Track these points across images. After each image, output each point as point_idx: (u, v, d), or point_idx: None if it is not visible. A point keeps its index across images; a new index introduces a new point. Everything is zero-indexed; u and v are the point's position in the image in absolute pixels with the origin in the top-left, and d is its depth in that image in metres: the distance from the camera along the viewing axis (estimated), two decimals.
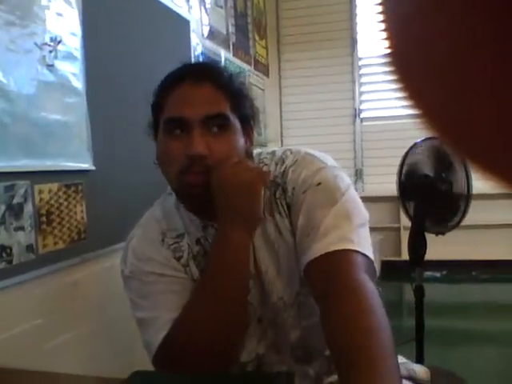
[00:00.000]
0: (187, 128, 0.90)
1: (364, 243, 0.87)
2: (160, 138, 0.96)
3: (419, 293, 2.26)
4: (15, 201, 1.44)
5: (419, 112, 0.21)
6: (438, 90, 0.20)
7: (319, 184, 0.92)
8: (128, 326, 1.99)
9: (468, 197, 2.24)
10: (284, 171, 0.97)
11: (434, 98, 0.21)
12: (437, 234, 2.24)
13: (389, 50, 0.21)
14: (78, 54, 1.72)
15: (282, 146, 4.64)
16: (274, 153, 1.02)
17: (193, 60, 2.68)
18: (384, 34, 0.21)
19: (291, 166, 0.97)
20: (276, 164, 0.99)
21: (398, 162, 4.39)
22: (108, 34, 1.92)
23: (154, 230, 1.04)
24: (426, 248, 2.22)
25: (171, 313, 0.94)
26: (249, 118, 0.98)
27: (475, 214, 4.12)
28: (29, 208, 1.48)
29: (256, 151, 1.05)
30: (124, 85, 2.01)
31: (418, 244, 2.23)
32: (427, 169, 2.29)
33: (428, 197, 2.23)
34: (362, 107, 4.71)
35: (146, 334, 0.98)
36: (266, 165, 1.00)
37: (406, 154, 2.35)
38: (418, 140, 2.31)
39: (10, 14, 1.44)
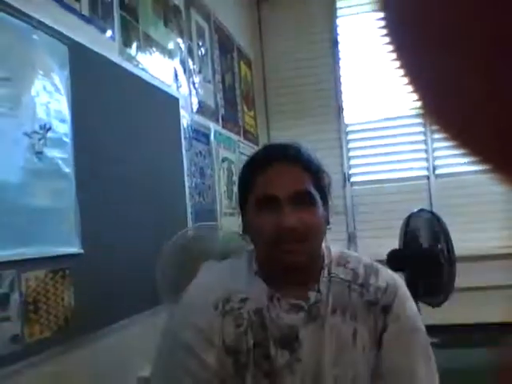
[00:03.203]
0: (278, 204, 0.99)
1: None
2: (251, 213, 1.04)
3: None
4: (1, 291, 1.41)
5: (474, 155, 0.21)
6: (483, 130, 0.20)
7: (415, 331, 1.05)
8: None
9: (451, 262, 2.23)
10: (391, 299, 1.04)
11: (481, 138, 0.20)
12: (433, 306, 2.23)
13: (419, 104, 0.21)
14: (68, 139, 1.74)
15: None
16: (359, 260, 1.10)
17: (182, 134, 2.74)
18: (410, 88, 0.21)
19: (394, 298, 1.04)
20: (365, 270, 1.07)
21: (390, 224, 4.41)
22: (97, 117, 1.96)
23: (212, 292, 1.05)
24: None
25: None
26: (326, 192, 1.08)
27: (470, 276, 4.11)
28: (15, 297, 1.46)
29: (335, 250, 1.11)
30: (114, 167, 2.04)
31: None
32: (423, 239, 2.30)
33: (419, 267, 2.23)
34: (351, 172, 4.77)
35: None
36: (352, 269, 1.07)
37: (407, 222, 2.36)
38: (415, 210, 2.34)
39: None
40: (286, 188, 1.00)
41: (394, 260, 2.30)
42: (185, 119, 2.80)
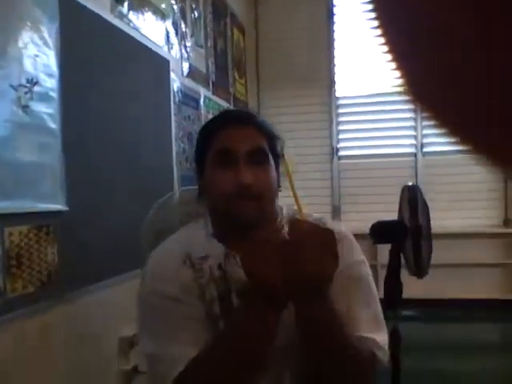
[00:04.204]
0: (234, 160, 1.03)
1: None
2: (208, 169, 1.08)
3: (395, 338, 2.23)
4: None
5: (463, 144, 0.20)
6: (473, 116, 0.20)
7: (360, 278, 1.08)
8: (100, 368, 1.94)
9: (429, 238, 2.26)
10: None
11: (471, 125, 0.20)
12: (418, 277, 2.27)
13: (410, 91, 0.20)
14: (55, 94, 1.71)
15: None
16: (309, 216, 1.11)
17: (172, 98, 2.71)
18: (400, 73, 0.21)
19: (340, 245, 1.03)
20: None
21: (375, 199, 4.44)
22: (86, 74, 1.93)
23: (176, 251, 1.08)
24: (401, 293, 2.23)
25: (184, 347, 0.98)
26: (279, 155, 1.12)
27: (452, 252, 4.18)
28: None
29: (287, 210, 1.14)
30: (102, 125, 2.01)
31: (392, 289, 2.23)
32: (404, 213, 2.32)
33: (401, 240, 2.25)
34: (339, 146, 4.77)
35: (157, 366, 1.01)
36: None
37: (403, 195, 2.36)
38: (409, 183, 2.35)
39: None
40: (243, 144, 1.04)
41: (376, 232, 2.32)
42: (175, 82, 2.76)
